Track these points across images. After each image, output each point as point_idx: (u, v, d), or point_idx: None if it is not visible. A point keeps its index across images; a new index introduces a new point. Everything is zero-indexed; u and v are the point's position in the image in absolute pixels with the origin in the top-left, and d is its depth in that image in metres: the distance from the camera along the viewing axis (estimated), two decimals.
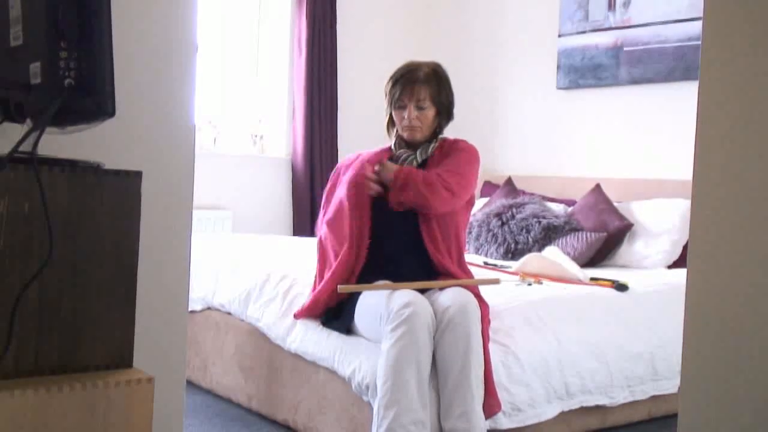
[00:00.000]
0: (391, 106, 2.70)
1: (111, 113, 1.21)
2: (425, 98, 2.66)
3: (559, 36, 4.96)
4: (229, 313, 3.30)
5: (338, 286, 2.57)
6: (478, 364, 2.39)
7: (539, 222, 4.11)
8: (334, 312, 2.67)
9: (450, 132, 2.84)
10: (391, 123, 2.77)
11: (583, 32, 4.83)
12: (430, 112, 2.68)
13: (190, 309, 3.16)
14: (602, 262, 4.06)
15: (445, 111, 2.73)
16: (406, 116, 2.67)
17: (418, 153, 2.71)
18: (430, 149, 2.72)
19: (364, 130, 2.82)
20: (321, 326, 2.73)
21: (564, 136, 5.00)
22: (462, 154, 2.71)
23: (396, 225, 2.66)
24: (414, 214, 2.64)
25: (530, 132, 5.19)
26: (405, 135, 2.71)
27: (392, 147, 2.77)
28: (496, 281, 2.70)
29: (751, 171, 1.14)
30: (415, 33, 5.65)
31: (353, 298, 2.60)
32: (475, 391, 2.36)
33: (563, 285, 3.22)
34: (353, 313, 2.59)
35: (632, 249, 4.05)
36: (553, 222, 4.10)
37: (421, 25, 5.74)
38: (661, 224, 4.02)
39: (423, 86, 2.66)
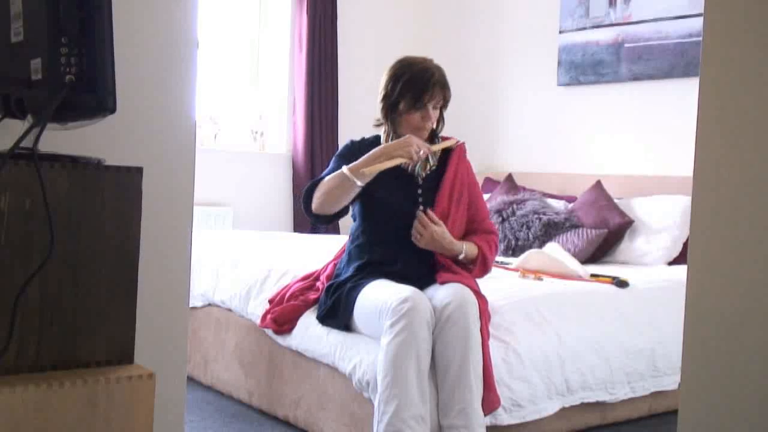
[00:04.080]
0: (406, 105, 2.62)
1: (112, 109, 1.21)
2: (440, 100, 2.66)
3: (560, 32, 4.96)
4: (230, 310, 3.30)
5: (346, 169, 2.54)
6: (477, 360, 2.39)
7: (540, 218, 4.11)
8: (331, 310, 2.67)
9: (452, 129, 2.84)
10: (386, 120, 2.70)
11: (584, 28, 4.83)
12: (438, 113, 2.69)
13: (190, 305, 3.16)
14: (603, 259, 4.06)
15: (444, 110, 2.74)
16: (425, 117, 2.63)
17: (430, 158, 2.69)
18: (438, 153, 2.71)
19: (365, 126, 2.80)
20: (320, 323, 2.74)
21: (565, 133, 5.00)
22: (476, 183, 2.79)
23: (397, 224, 2.65)
24: (414, 214, 2.64)
25: (531, 128, 5.19)
26: (415, 135, 2.67)
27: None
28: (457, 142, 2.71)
29: (752, 167, 1.14)
30: (415, 29, 5.64)
31: (350, 296, 2.59)
32: (474, 387, 2.36)
33: (564, 281, 3.22)
34: (350, 311, 2.59)
35: (633, 245, 4.05)
36: (554, 218, 4.10)
37: (422, 21, 5.73)
38: (662, 221, 4.02)
39: (443, 88, 2.65)
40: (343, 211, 2.67)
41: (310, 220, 2.68)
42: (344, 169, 2.54)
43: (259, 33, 5.33)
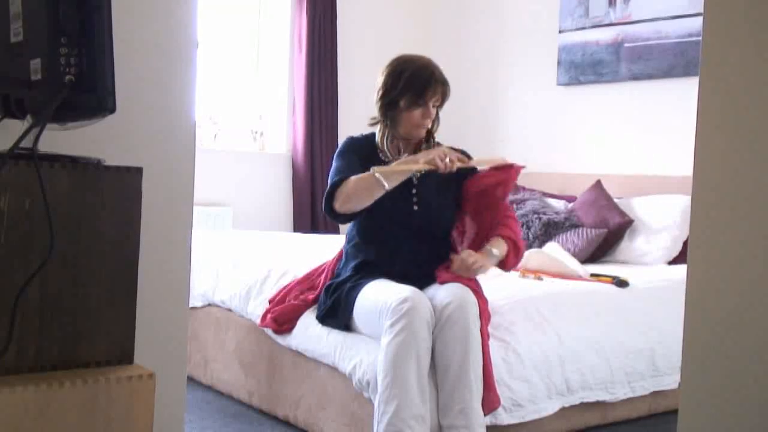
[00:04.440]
0: (406, 102, 2.61)
1: (111, 109, 1.21)
2: (439, 97, 2.65)
3: (560, 32, 4.96)
4: (230, 310, 3.30)
5: (375, 171, 2.51)
6: (477, 360, 2.39)
7: (539, 218, 4.11)
8: (330, 310, 2.67)
9: (452, 129, 2.83)
10: (384, 117, 2.67)
11: (584, 28, 4.83)
12: (435, 111, 2.68)
13: (190, 305, 3.16)
14: (603, 258, 4.06)
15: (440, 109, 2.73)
16: (425, 115, 2.62)
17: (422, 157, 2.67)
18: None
19: (365, 126, 2.79)
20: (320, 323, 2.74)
21: (564, 133, 5.00)
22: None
23: (391, 223, 2.65)
24: (415, 213, 2.64)
25: (531, 128, 5.19)
26: (413, 134, 2.65)
27: (385, 149, 2.68)
28: (504, 161, 2.66)
29: (752, 167, 1.14)
30: (415, 29, 5.64)
31: (350, 296, 2.59)
32: (474, 387, 2.36)
33: (564, 281, 3.22)
34: (350, 310, 2.59)
35: (633, 245, 4.05)
36: (554, 218, 4.10)
37: (422, 21, 5.73)
38: (662, 220, 4.02)
39: (444, 85, 2.64)
40: (365, 210, 2.66)
41: (330, 218, 2.66)
42: (375, 172, 2.51)
43: (259, 33, 5.33)
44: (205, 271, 3.47)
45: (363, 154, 2.67)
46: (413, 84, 2.60)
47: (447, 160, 2.51)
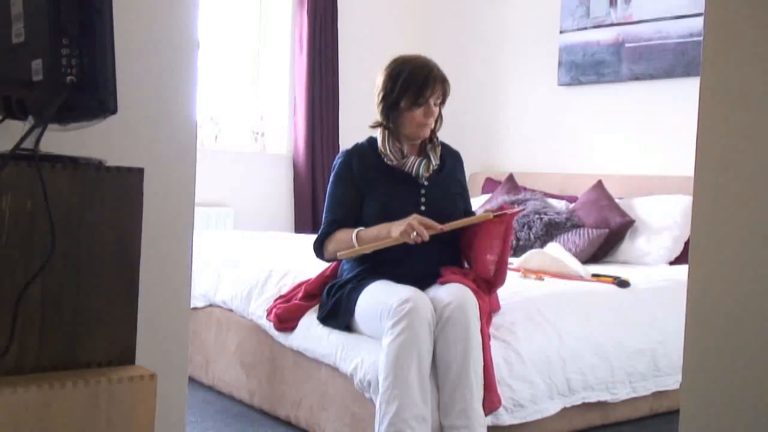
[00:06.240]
0: (407, 102, 2.60)
1: (113, 110, 1.21)
2: (440, 94, 2.64)
3: (561, 32, 4.96)
4: (231, 310, 3.31)
5: (338, 254, 2.56)
6: (478, 360, 2.39)
7: (541, 218, 4.11)
8: (332, 310, 2.67)
9: (453, 129, 2.83)
10: (387, 119, 2.65)
11: (585, 28, 4.83)
12: (438, 109, 2.68)
13: (192, 306, 3.16)
14: (604, 259, 4.06)
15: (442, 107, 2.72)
16: (427, 113, 2.61)
17: (431, 156, 2.68)
18: (438, 151, 2.71)
19: (365, 126, 2.79)
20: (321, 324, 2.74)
21: (565, 133, 5.00)
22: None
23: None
24: (422, 213, 2.63)
25: (532, 128, 5.19)
26: (418, 133, 2.65)
27: (388, 152, 2.66)
28: (487, 216, 2.52)
29: (753, 167, 1.14)
30: (416, 29, 5.65)
31: (351, 297, 2.59)
32: (475, 387, 2.36)
33: (565, 281, 3.22)
34: (352, 311, 2.59)
35: (634, 245, 4.05)
36: (555, 218, 4.10)
37: (423, 21, 5.73)
38: (663, 220, 4.02)
39: (444, 82, 2.64)
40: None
41: (319, 259, 2.73)
42: (354, 240, 2.55)
43: (260, 33, 5.34)
44: (207, 272, 3.47)
45: (364, 164, 2.67)
46: (412, 83, 2.60)
47: (414, 234, 2.43)
